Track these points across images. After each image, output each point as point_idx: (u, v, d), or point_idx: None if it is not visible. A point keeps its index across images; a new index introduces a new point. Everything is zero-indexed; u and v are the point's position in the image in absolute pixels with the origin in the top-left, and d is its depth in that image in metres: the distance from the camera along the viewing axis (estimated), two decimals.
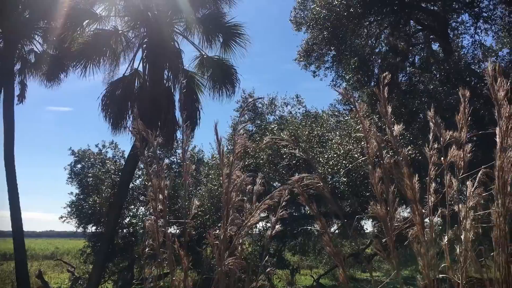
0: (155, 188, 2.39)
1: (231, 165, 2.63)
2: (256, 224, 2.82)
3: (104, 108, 12.82)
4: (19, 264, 13.52)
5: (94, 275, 12.44)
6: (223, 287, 2.43)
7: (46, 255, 32.78)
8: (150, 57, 12.70)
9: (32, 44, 16.21)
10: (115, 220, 13.18)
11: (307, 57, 17.57)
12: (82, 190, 18.88)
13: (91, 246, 17.79)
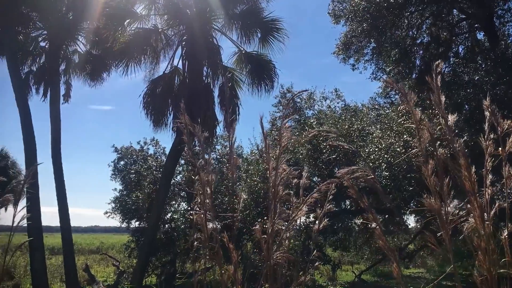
0: (203, 182, 2.39)
1: (278, 159, 2.61)
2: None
3: (146, 106, 13.07)
4: (68, 258, 13.96)
5: (139, 269, 12.73)
6: (272, 281, 2.41)
7: (92, 249, 33.78)
8: (189, 54, 12.84)
9: (76, 44, 16.66)
10: (158, 216, 13.41)
11: (346, 50, 17.34)
12: (125, 186, 19.31)
13: (134, 241, 18.19)
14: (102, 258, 26.96)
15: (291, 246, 15.28)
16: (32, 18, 15.55)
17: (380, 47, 16.17)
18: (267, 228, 2.52)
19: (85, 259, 22.99)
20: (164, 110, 13.12)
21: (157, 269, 17.67)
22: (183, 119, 2.47)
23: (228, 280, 2.30)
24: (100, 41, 15.26)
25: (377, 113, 17.47)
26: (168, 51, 13.77)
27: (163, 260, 17.97)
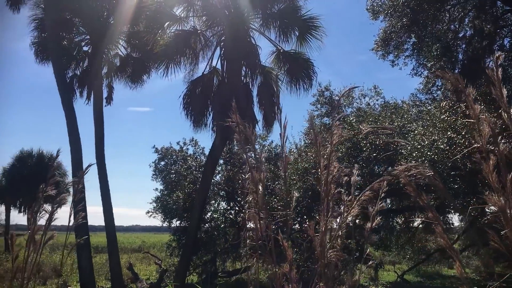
0: (255, 180, 2.39)
1: (329, 156, 2.58)
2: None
3: (185, 107, 13.24)
4: (112, 256, 14.31)
5: (181, 268, 12.91)
6: (327, 279, 2.39)
7: (134, 248, 34.51)
8: (228, 55, 12.92)
9: (117, 48, 17.07)
10: (199, 215, 13.56)
11: (385, 46, 17.05)
12: (166, 186, 19.62)
13: (176, 240, 18.46)
14: (144, 257, 27.50)
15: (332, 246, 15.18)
16: (75, 23, 16.07)
17: (421, 42, 15.82)
18: (320, 226, 2.50)
19: (128, 258, 23.52)
20: (203, 111, 13.27)
21: (198, 268, 17.88)
22: (234, 118, 2.47)
23: (281, 279, 2.29)
24: (140, 44, 15.60)
25: (418, 109, 17.08)
26: (207, 52, 13.94)
27: (203, 259, 18.16)
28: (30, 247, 2.82)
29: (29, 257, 2.86)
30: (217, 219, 18.86)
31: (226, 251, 18.44)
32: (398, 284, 17.01)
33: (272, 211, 16.10)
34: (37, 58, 16.05)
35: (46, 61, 15.93)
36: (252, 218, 2.32)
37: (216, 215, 18.98)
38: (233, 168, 19.17)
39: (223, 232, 18.50)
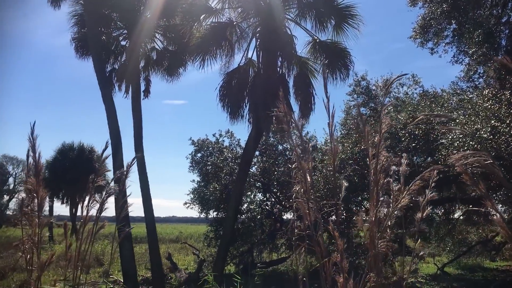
0: (304, 170, 2.38)
1: (378, 145, 2.54)
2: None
3: (222, 98, 13.30)
4: (152, 247, 14.59)
5: (219, 258, 13.06)
6: (378, 270, 2.36)
7: (172, 238, 35.16)
8: (263, 46, 12.89)
9: (153, 42, 17.30)
10: (236, 207, 13.65)
11: (423, 33, 16.65)
12: (202, 178, 19.85)
13: (213, 231, 18.68)
14: (182, 247, 27.96)
15: None
16: (113, 18, 16.38)
17: (461, 29, 15.33)
18: (370, 216, 2.47)
19: (166, 248, 23.94)
20: (239, 102, 13.30)
21: (235, 258, 18.06)
22: (282, 108, 2.46)
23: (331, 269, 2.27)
24: (177, 37, 15.75)
25: (459, 98, 16.60)
26: (242, 44, 13.95)
27: (240, 249, 18.32)
28: (82, 236, 2.90)
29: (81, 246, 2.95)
30: (253, 210, 18.96)
31: (262, 242, 18.54)
32: (438, 277, 16.69)
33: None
34: (77, 53, 16.46)
35: (86, 56, 16.31)
36: (301, 207, 2.31)
37: (252, 206, 19.09)
38: (268, 160, 19.19)
39: (259, 223, 18.58)
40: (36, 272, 2.72)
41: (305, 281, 2.38)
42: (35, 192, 2.92)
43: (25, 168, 12.84)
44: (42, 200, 2.92)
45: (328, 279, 2.18)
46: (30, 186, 2.94)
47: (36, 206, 3.02)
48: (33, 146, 2.98)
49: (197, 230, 44.45)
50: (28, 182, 2.96)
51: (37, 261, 2.77)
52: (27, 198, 2.97)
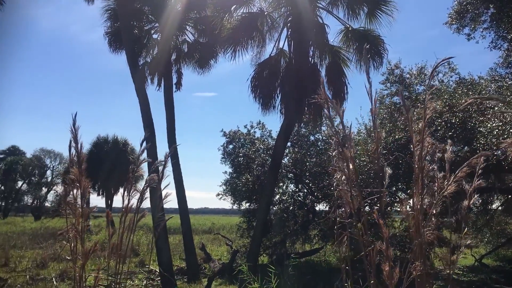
0: (346, 157, 2.33)
1: (423, 131, 2.47)
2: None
3: (253, 89, 13.28)
4: (186, 237, 14.82)
5: (253, 249, 13.12)
6: (423, 259, 2.30)
7: (205, 229, 35.55)
8: (295, 35, 12.77)
9: (185, 34, 17.41)
10: (269, 197, 13.66)
11: (460, 19, 16.16)
12: (234, 169, 19.94)
13: (246, 222, 18.77)
14: (214, 238, 28.26)
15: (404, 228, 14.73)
16: (144, 12, 16.55)
17: (500, 13, 14.80)
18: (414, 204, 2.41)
19: (199, 239, 24.25)
20: (271, 93, 13.25)
21: (268, 249, 18.11)
22: (323, 94, 2.41)
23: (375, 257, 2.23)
24: (207, 29, 15.80)
25: (497, 85, 16.07)
26: (273, 34, 13.86)
27: (273, 240, 18.36)
28: (124, 225, 2.95)
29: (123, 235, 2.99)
30: (285, 201, 18.94)
31: (295, 233, 18.51)
32: (476, 268, 16.31)
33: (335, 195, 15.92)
34: (111, 47, 16.73)
35: (119, 50, 16.58)
36: (344, 195, 2.27)
37: (285, 197, 19.07)
38: (300, 150, 19.09)
39: (292, 214, 18.56)
40: (80, 260, 2.77)
41: (348, 270, 2.35)
42: (78, 181, 2.97)
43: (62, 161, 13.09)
44: (85, 189, 2.97)
45: (373, 267, 2.14)
46: (73, 176, 3.00)
47: (78, 196, 3.08)
48: (75, 137, 3.03)
49: (229, 221, 44.81)
50: (71, 172, 3.02)
51: (81, 249, 2.83)
52: (69, 188, 3.02)
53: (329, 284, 11.19)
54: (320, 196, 18.03)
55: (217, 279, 13.46)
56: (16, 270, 15.06)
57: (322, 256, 17.95)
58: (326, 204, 18.12)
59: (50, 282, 12.20)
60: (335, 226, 2.42)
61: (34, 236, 26.08)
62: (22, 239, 24.31)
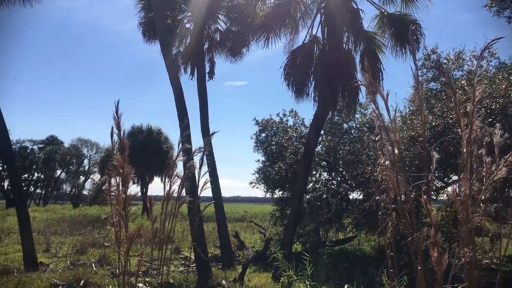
0: (392, 141, 2.28)
1: (472, 114, 2.39)
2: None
3: (286, 77, 13.20)
4: (220, 225, 14.95)
5: (287, 237, 13.14)
6: (472, 244, 2.24)
7: (237, 218, 35.82)
8: (329, 21, 12.59)
9: (217, 23, 17.43)
10: (303, 185, 13.62)
11: (500, 1, 15.56)
12: (267, 157, 19.96)
13: (279, 210, 18.80)
14: (247, 226, 28.48)
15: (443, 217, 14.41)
16: (177, 1, 16.63)
17: None
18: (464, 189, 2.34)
19: (233, 226, 24.46)
20: (305, 80, 13.14)
21: (302, 237, 18.12)
22: (367, 78, 2.36)
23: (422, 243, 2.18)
24: (240, 17, 15.77)
25: None
26: (307, 20, 13.70)
27: (306, 229, 18.34)
28: (166, 210, 2.98)
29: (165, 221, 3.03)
30: (318, 190, 18.87)
31: (329, 221, 18.43)
32: None
33: (376, 182, 15.71)
34: (145, 37, 16.94)
35: (153, 40, 16.77)
36: (390, 179, 2.22)
37: (318, 186, 18.99)
38: (333, 138, 18.93)
39: (325, 203, 18.47)
40: (125, 244, 2.83)
41: (393, 256, 2.31)
42: (121, 167, 3.02)
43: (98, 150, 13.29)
44: (127, 175, 3.02)
45: (420, 253, 2.10)
46: (116, 163, 3.05)
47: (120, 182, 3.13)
48: (117, 124, 3.08)
49: (261, 209, 45.01)
50: (114, 159, 3.07)
51: (125, 234, 2.88)
52: (113, 174, 3.08)
53: (365, 273, 11.11)
54: (354, 185, 17.84)
55: (251, 266, 13.56)
56: (57, 255, 15.59)
57: (356, 244, 17.81)
58: (360, 192, 17.93)
59: (89, 267, 12.56)
60: (378, 212, 2.38)
61: (73, 223, 26.92)
62: (62, 226, 25.13)
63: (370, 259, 14.95)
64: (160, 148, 37.19)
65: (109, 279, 11.20)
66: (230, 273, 12.68)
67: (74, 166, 69.02)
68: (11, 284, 9.68)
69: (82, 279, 9.11)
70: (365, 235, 17.94)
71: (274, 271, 10.98)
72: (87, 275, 9.60)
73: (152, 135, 37.91)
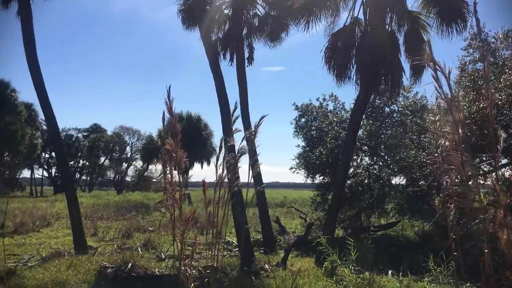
0: (455, 120, 2.19)
1: None
2: None
3: (327, 61, 13.00)
4: (262, 210, 15.02)
5: (329, 222, 13.06)
6: None
7: (277, 203, 35.93)
8: (371, 2, 12.27)
9: (255, 8, 17.30)
10: (345, 170, 13.44)
11: None
12: (307, 143, 19.84)
13: (320, 195, 18.70)
14: (287, 211, 28.51)
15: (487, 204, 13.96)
16: None
17: None
18: None
19: (273, 212, 24.55)
20: (346, 64, 12.90)
21: (343, 222, 17.99)
22: (428, 55, 2.26)
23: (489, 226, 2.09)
24: (278, 1, 15.62)
25: None
26: (348, 2, 13.38)
27: (348, 214, 18.19)
28: (219, 194, 2.99)
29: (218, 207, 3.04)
30: (360, 175, 18.63)
31: (370, 207, 18.21)
32: None
33: (421, 166, 15.32)
34: (184, 24, 17.04)
35: (192, 27, 16.85)
36: (454, 160, 2.13)
37: (359, 171, 18.75)
38: (375, 122, 18.58)
39: (367, 188, 18.24)
40: (181, 226, 2.87)
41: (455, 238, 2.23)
42: (174, 152, 3.05)
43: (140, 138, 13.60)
44: (181, 159, 3.04)
45: (487, 236, 2.02)
46: (169, 147, 3.08)
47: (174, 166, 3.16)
48: (169, 109, 3.11)
49: (300, 195, 44.94)
50: (167, 143, 3.10)
51: (180, 217, 2.92)
52: (166, 158, 3.11)
53: (410, 258, 10.94)
54: (396, 169, 17.50)
55: (293, 251, 13.59)
56: (104, 239, 16.12)
57: (399, 230, 17.53)
58: (403, 177, 17.58)
59: (135, 251, 12.92)
60: (441, 194, 2.30)
61: (117, 208, 27.72)
62: (107, 211, 25.92)
63: (413, 244, 14.70)
64: (200, 135, 37.56)
65: (155, 262, 11.50)
66: (272, 257, 12.76)
67: (117, 153, 71.03)
68: (63, 266, 10.09)
69: (130, 262, 9.36)
70: (408, 221, 17.62)
71: (317, 256, 10.97)
72: (134, 258, 9.86)
73: (192, 122, 38.32)
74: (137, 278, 8.93)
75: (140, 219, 21.39)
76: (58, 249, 13.23)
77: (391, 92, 13.56)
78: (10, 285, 8.54)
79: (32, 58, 13.39)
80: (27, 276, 9.27)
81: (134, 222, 19.67)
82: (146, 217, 23.00)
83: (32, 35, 13.51)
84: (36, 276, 9.28)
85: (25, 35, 13.42)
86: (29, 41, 13.42)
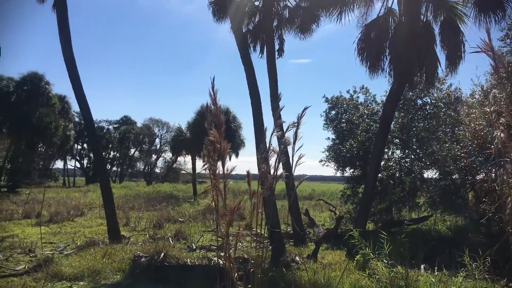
0: None
1: None
2: None
3: (360, 52, 12.83)
4: (292, 203, 15.00)
5: (361, 215, 12.95)
6: None
7: (305, 196, 35.83)
8: None
9: (286, 0, 17.18)
10: (377, 163, 13.26)
11: None
12: (337, 135, 19.67)
13: (350, 188, 18.55)
14: (316, 204, 28.38)
15: None
16: None
17: None
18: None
19: (301, 204, 24.47)
20: (379, 55, 12.70)
21: (373, 216, 17.81)
22: (488, 43, 2.19)
23: None
24: None
25: None
26: None
27: (378, 207, 18.00)
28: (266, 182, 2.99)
29: None
30: (391, 168, 18.38)
31: (401, 200, 17.97)
32: None
33: (455, 159, 15.00)
34: (215, 17, 17.02)
35: (223, 19, 16.84)
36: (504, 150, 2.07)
37: (390, 164, 18.49)
38: (407, 115, 18.28)
39: (399, 181, 17.99)
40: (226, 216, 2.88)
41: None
42: (218, 143, 3.06)
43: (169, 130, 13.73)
44: (225, 150, 3.05)
45: None
46: (213, 138, 3.09)
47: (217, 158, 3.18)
48: (214, 100, 3.12)
49: (328, 187, 44.70)
50: (210, 134, 3.12)
51: (225, 207, 2.93)
52: (210, 148, 3.13)
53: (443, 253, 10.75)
54: (429, 163, 17.19)
55: (323, 244, 13.54)
56: (136, 229, 16.41)
57: (431, 224, 17.23)
58: (435, 170, 17.26)
59: (167, 241, 13.09)
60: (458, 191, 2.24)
61: (148, 199, 28.17)
62: (138, 201, 26.37)
63: (446, 239, 14.43)
64: (229, 127, 37.62)
65: (186, 252, 11.65)
66: (303, 250, 12.75)
67: (146, 145, 72.11)
68: (99, 255, 10.33)
69: (162, 252, 9.51)
70: (440, 215, 17.32)
71: (348, 249, 10.90)
72: (166, 248, 10.01)
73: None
74: (170, 267, 9.07)
75: (170, 210, 21.68)
76: (92, 238, 13.53)
77: (425, 83, 13.29)
78: (49, 272, 8.79)
79: (67, 49, 13.67)
80: (64, 263, 9.52)
81: (164, 213, 19.93)
82: (176, 208, 23.31)
83: (67, 28, 13.78)
84: (72, 264, 9.52)
85: (60, 29, 13.70)
86: (63, 32, 13.69)
